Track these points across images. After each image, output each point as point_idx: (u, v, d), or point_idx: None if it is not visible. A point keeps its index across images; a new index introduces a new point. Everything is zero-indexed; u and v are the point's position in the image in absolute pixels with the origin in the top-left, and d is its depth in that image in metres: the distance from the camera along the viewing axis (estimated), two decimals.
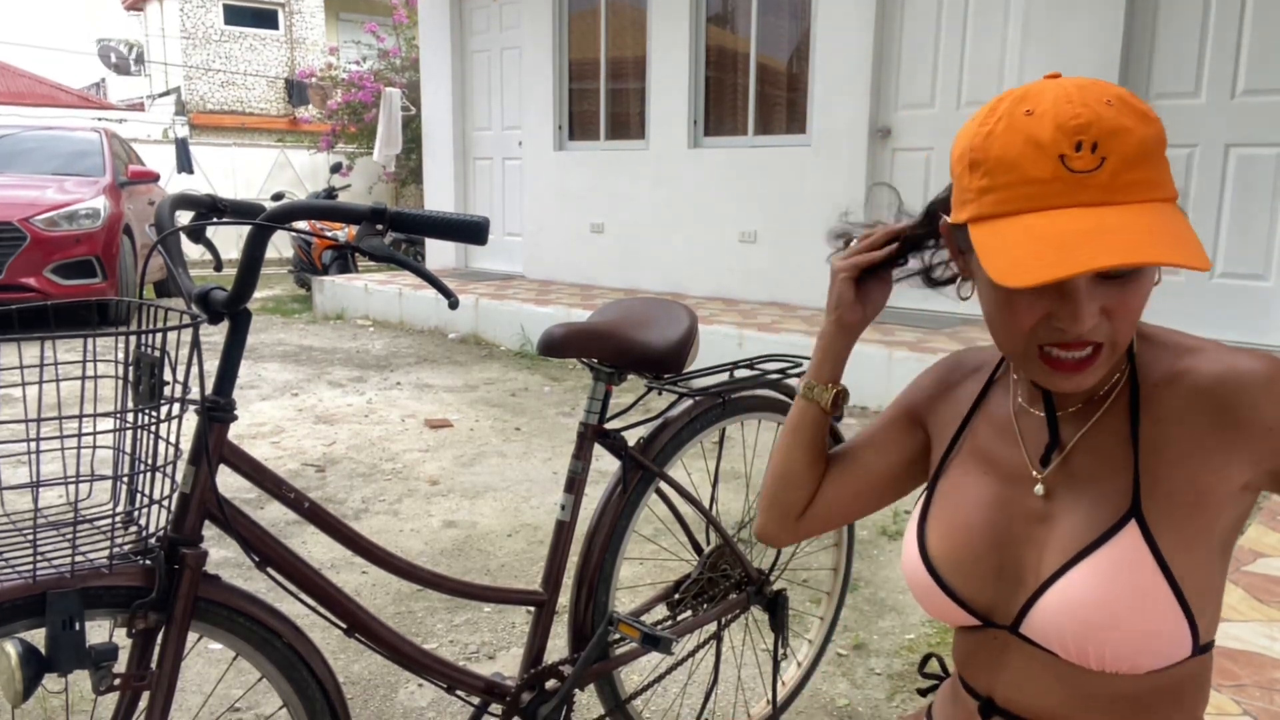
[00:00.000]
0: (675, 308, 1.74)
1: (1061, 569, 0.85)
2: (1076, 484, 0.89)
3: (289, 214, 1.23)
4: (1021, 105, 0.78)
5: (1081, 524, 0.86)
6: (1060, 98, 0.76)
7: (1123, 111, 0.75)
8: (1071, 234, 0.73)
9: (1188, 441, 0.83)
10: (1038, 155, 0.75)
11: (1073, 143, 0.74)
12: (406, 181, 12.53)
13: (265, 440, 4.18)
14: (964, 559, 0.93)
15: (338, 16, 21.29)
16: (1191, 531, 0.83)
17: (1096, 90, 0.77)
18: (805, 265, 6.18)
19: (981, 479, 0.95)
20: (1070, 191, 0.75)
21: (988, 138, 0.79)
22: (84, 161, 7.71)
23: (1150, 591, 0.81)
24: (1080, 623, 0.83)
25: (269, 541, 1.28)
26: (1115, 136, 0.74)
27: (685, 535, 1.84)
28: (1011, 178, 0.77)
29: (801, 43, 6.20)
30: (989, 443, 0.96)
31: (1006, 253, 0.75)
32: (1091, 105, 0.75)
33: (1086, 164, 0.74)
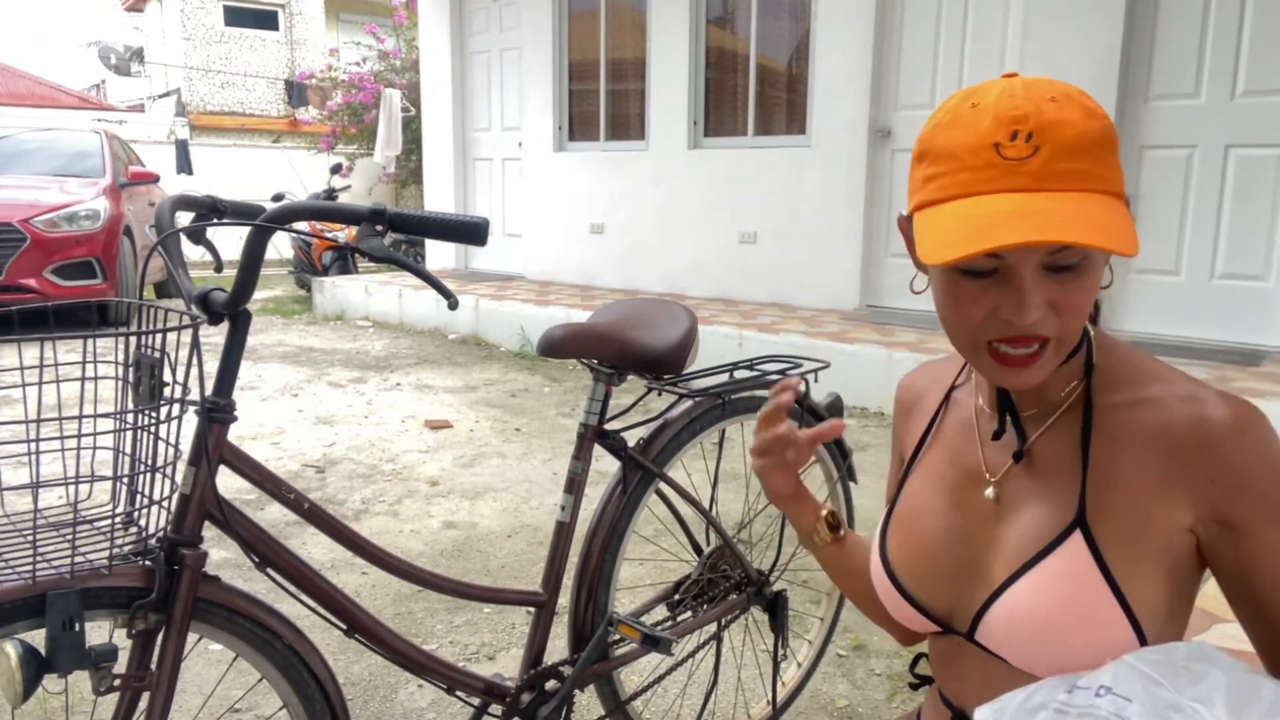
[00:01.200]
0: (675, 308, 1.74)
1: (1011, 578, 0.86)
2: (1026, 490, 0.89)
3: (289, 215, 1.23)
4: (968, 100, 0.80)
5: (1029, 531, 0.87)
6: (1004, 93, 0.79)
7: (1066, 107, 0.77)
8: (995, 215, 0.75)
9: (1137, 469, 0.83)
10: (975, 144, 0.78)
11: (1008, 132, 0.77)
12: (406, 182, 12.53)
13: (265, 441, 4.18)
14: (921, 561, 0.95)
15: (338, 17, 21.29)
16: (1139, 550, 0.82)
17: (1043, 87, 0.79)
18: (805, 265, 6.19)
19: (941, 482, 0.97)
20: (1002, 177, 0.77)
21: (934, 129, 0.81)
22: (84, 163, 7.71)
23: (1095, 603, 0.81)
24: (1027, 632, 0.84)
25: (269, 542, 1.28)
26: (1053, 128, 0.76)
27: (685, 536, 1.84)
28: (950, 165, 0.79)
29: (801, 43, 6.20)
30: (951, 446, 0.97)
31: (935, 234, 0.78)
32: (1034, 100, 0.77)
33: (1020, 152, 0.76)
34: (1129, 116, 4.94)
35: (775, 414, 1.01)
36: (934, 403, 1.03)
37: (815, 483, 2.11)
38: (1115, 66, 4.85)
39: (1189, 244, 4.86)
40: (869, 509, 3.33)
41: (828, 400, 1.95)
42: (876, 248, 5.96)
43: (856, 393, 4.66)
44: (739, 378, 1.79)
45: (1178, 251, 4.90)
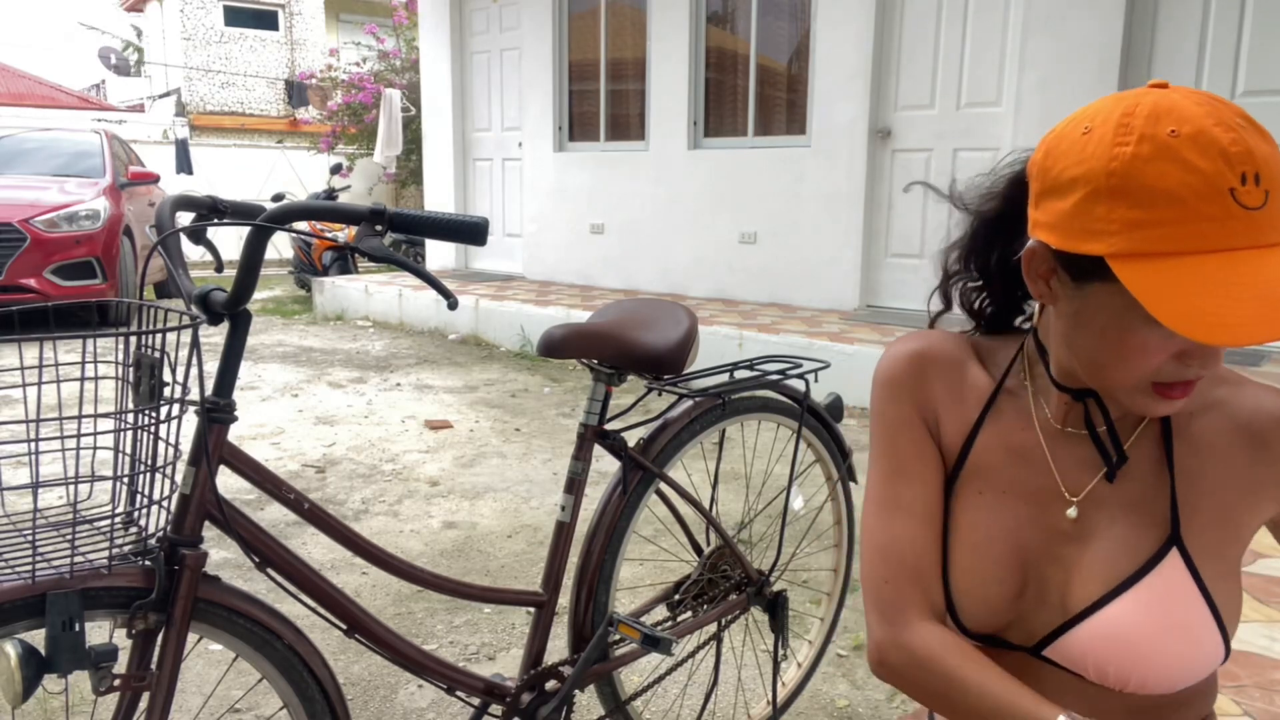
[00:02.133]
0: (675, 308, 1.74)
1: (1103, 599, 0.83)
2: (1110, 507, 0.86)
3: (289, 215, 1.23)
4: (1161, 124, 0.69)
5: (1119, 550, 0.84)
6: (1204, 118, 0.69)
7: (1256, 135, 0.69)
8: (1268, 283, 0.66)
9: (1223, 473, 0.82)
10: (1204, 188, 0.67)
11: (1238, 174, 0.67)
12: (406, 182, 12.53)
13: (265, 441, 4.18)
14: (985, 582, 0.89)
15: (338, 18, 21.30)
16: (1229, 558, 0.82)
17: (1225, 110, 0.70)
18: (805, 265, 6.19)
19: (1000, 497, 0.90)
20: (1249, 232, 0.67)
21: (1133, 162, 0.69)
22: (84, 163, 7.72)
23: (1194, 620, 0.80)
24: (1124, 653, 0.81)
25: (269, 542, 1.28)
26: (1269, 166, 0.68)
27: (685, 536, 1.84)
28: (1177, 213, 0.68)
29: (801, 44, 6.20)
30: (1006, 459, 0.90)
31: (1184, 300, 0.67)
32: (1236, 128, 0.68)
33: (1256, 199, 0.67)
34: None
35: None
36: (981, 392, 0.93)
37: (815, 483, 2.11)
38: (1115, 66, 4.85)
39: None
40: None
41: (828, 400, 1.95)
42: (876, 248, 5.96)
43: (856, 393, 4.66)
44: (739, 378, 1.79)
45: None
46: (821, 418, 1.91)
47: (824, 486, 2.06)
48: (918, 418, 0.93)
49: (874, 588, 0.91)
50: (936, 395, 0.93)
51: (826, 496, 2.06)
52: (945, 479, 0.93)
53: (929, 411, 0.93)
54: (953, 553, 0.91)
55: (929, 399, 0.93)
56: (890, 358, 0.95)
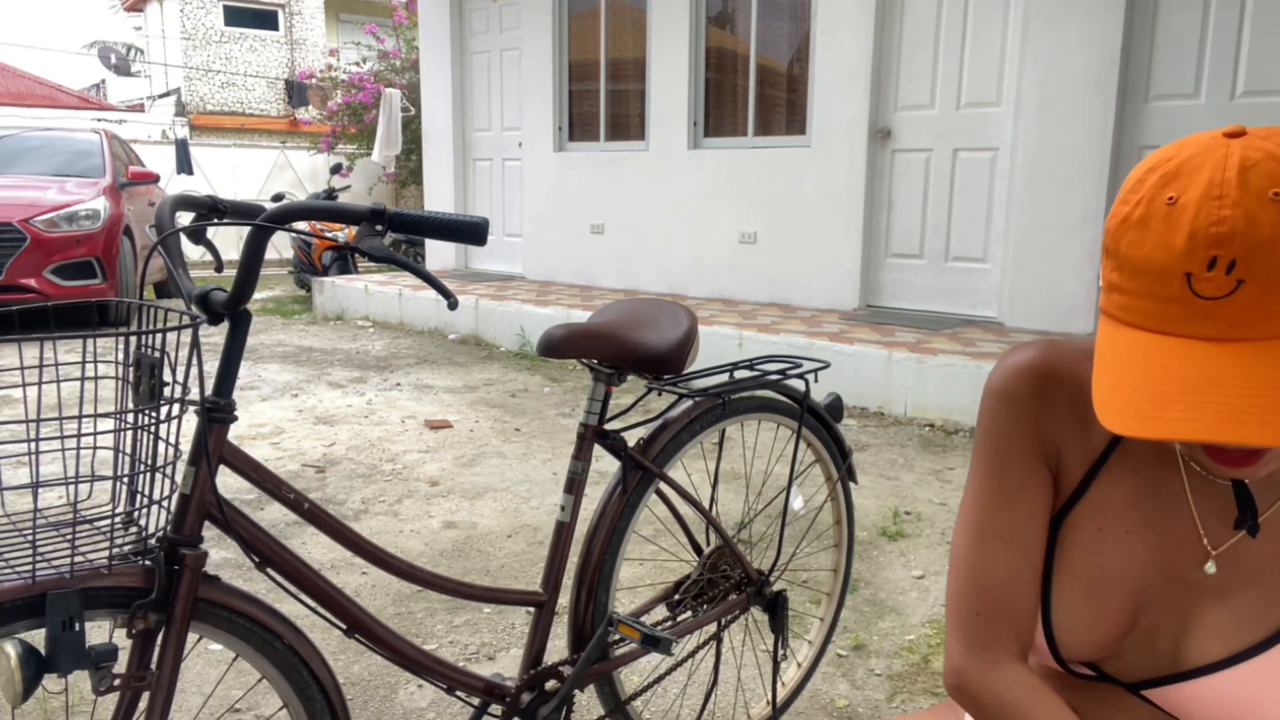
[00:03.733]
0: (675, 308, 1.74)
1: (1224, 661, 0.79)
2: (1249, 566, 0.79)
3: (289, 215, 1.23)
4: (1166, 189, 0.65)
5: (1254, 613, 0.79)
6: (1212, 186, 0.63)
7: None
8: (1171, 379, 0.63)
9: None
10: (1165, 266, 0.64)
11: (1205, 259, 0.62)
12: (406, 182, 12.53)
13: (265, 441, 4.18)
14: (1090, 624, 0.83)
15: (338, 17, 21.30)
16: None
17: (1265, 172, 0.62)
18: (805, 265, 6.19)
19: (1124, 536, 0.83)
20: (1190, 319, 0.64)
21: (1122, 224, 0.67)
22: (84, 162, 7.72)
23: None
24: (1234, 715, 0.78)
25: (269, 542, 1.28)
26: (1263, 252, 0.61)
27: (685, 536, 1.84)
28: (1134, 285, 0.67)
29: (801, 44, 6.20)
30: (1135, 496, 0.83)
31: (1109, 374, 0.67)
32: (1249, 203, 0.61)
33: (1216, 289, 0.62)
34: (1129, 116, 4.94)
35: None
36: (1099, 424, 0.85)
37: (815, 482, 2.11)
38: (1115, 66, 4.85)
39: None
40: (869, 509, 3.33)
41: (828, 400, 1.95)
42: (876, 248, 5.96)
43: (856, 393, 4.66)
44: (739, 378, 1.79)
45: None
46: (821, 418, 1.91)
47: (824, 486, 2.06)
48: (1033, 443, 0.85)
49: (964, 618, 0.86)
50: (1060, 420, 0.84)
51: (826, 496, 2.06)
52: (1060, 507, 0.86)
53: (1049, 438, 0.85)
54: (1059, 586, 0.85)
55: (1050, 424, 0.85)
56: (1008, 369, 0.86)
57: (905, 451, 4.05)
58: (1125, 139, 4.94)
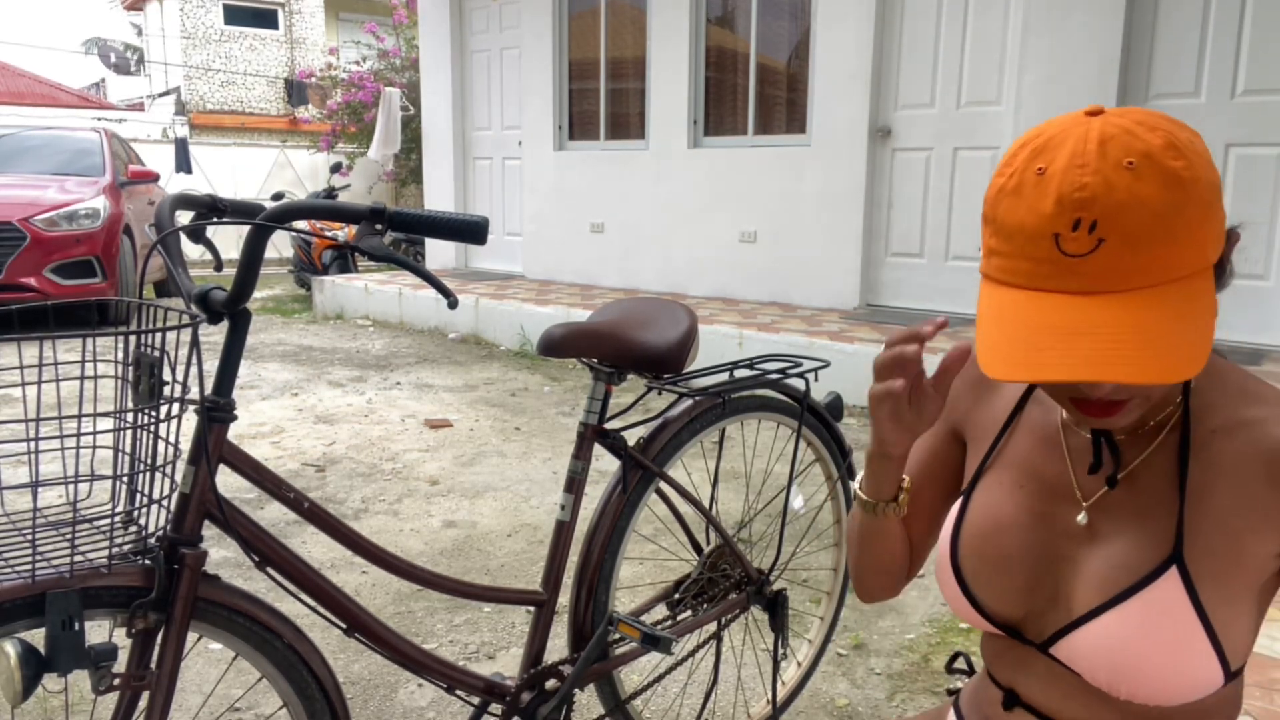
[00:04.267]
0: (675, 308, 1.74)
1: (1100, 607, 0.84)
2: (1120, 516, 0.86)
3: (288, 214, 1.23)
4: (1036, 160, 0.72)
5: (1122, 560, 0.84)
6: (1075, 157, 0.70)
7: (1143, 178, 0.68)
8: (1044, 329, 0.70)
9: (1234, 498, 0.80)
10: (1035, 230, 0.71)
11: (1070, 220, 0.69)
12: (406, 181, 12.53)
13: (265, 440, 4.17)
14: (997, 572, 0.91)
15: (338, 16, 21.30)
16: (1233, 585, 0.81)
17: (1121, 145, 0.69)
18: (805, 265, 6.18)
19: (1019, 491, 0.92)
20: (1060, 275, 0.71)
21: (999, 194, 0.74)
22: (84, 161, 7.71)
23: (1186, 639, 0.80)
24: (1112, 662, 0.82)
25: (268, 541, 1.28)
26: (1121, 214, 0.68)
27: (685, 535, 1.84)
28: (1010, 248, 0.74)
29: (801, 43, 6.20)
30: (1030, 455, 0.93)
31: (990, 329, 0.73)
32: (1107, 170, 0.68)
33: (1080, 247, 0.69)
34: None
35: (912, 335, 0.86)
36: (1009, 398, 0.96)
37: (815, 482, 2.11)
38: (1115, 66, 4.85)
39: None
40: None
41: (827, 399, 1.95)
42: (876, 247, 5.96)
43: (856, 392, 4.66)
44: (739, 377, 1.79)
45: None
46: (821, 417, 1.91)
47: (824, 485, 2.06)
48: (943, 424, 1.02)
49: None
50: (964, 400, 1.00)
51: (826, 495, 2.06)
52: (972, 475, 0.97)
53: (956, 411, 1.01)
54: (964, 541, 0.94)
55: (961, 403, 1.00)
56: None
57: None
58: None
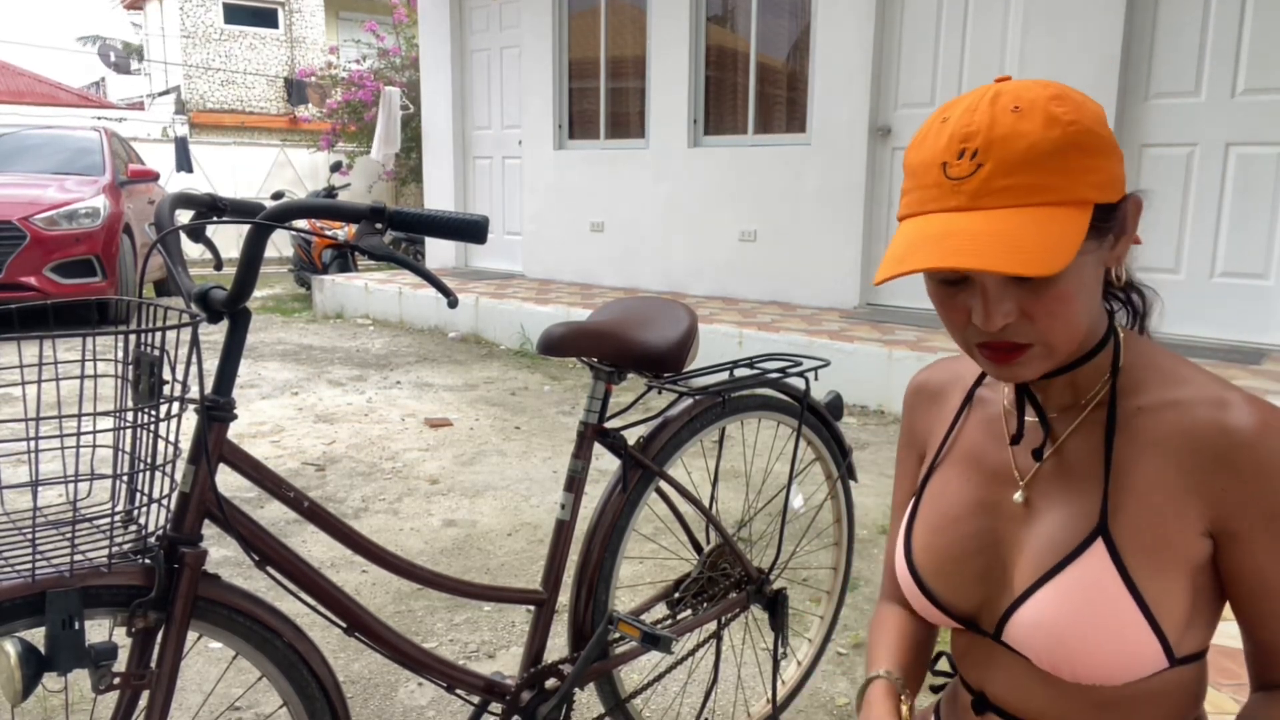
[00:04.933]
0: (675, 307, 1.74)
1: (1034, 585, 0.86)
2: (1051, 493, 0.89)
3: (288, 213, 1.23)
4: (942, 115, 0.81)
5: (1052, 537, 0.87)
6: (969, 107, 0.79)
7: (1027, 117, 0.76)
8: (924, 237, 0.77)
9: (1158, 475, 0.82)
10: (929, 161, 0.79)
11: (956, 150, 0.77)
12: (406, 180, 12.53)
13: (265, 439, 4.18)
14: (948, 562, 0.94)
15: (337, 15, 21.29)
16: (1161, 559, 0.82)
17: (1012, 95, 0.78)
18: (805, 264, 6.18)
19: (967, 482, 0.95)
20: (943, 197, 0.78)
21: (915, 144, 0.82)
22: (84, 160, 7.71)
23: (1117, 613, 0.81)
24: (1049, 639, 0.84)
25: (268, 540, 1.28)
26: (1001, 143, 0.76)
27: (685, 534, 1.84)
28: (911, 184, 0.81)
29: (801, 42, 6.20)
30: (977, 444, 0.96)
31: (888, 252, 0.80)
32: (993, 112, 0.77)
33: (962, 171, 0.77)
34: (1129, 115, 4.94)
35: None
36: (957, 400, 1.01)
37: (815, 481, 2.11)
38: (1115, 65, 4.85)
39: (1189, 242, 4.86)
40: (869, 508, 3.33)
41: (828, 399, 1.95)
42: (876, 246, 5.96)
43: (856, 391, 4.66)
44: (739, 376, 1.79)
45: (1178, 250, 4.90)
46: (821, 416, 1.91)
47: (824, 485, 2.06)
48: (909, 444, 1.08)
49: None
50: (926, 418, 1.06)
51: (826, 495, 2.06)
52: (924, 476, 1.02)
53: (917, 433, 1.07)
54: (916, 536, 0.98)
55: (918, 425, 1.06)
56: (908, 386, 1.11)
57: None
58: (1126, 137, 4.94)
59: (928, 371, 1.07)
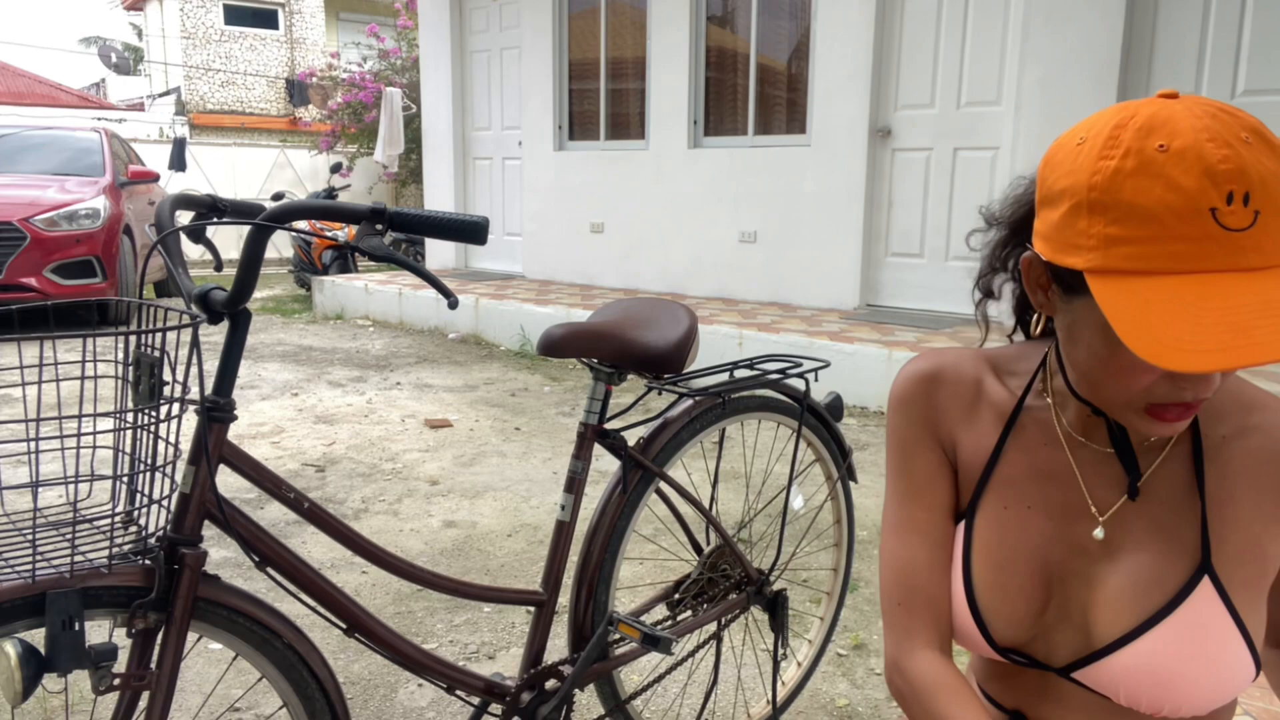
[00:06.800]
0: (675, 308, 1.74)
1: (1136, 630, 0.82)
2: (1138, 529, 0.84)
3: (289, 214, 1.23)
4: (1151, 138, 0.67)
5: (1150, 577, 0.82)
6: (1199, 132, 0.66)
7: (1263, 151, 0.66)
8: (1240, 310, 0.64)
9: (1253, 502, 0.80)
10: (1185, 207, 0.65)
11: (1223, 193, 0.64)
12: (406, 181, 12.53)
13: (265, 440, 4.17)
14: (1009, 598, 0.88)
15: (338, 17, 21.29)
16: (1259, 588, 0.81)
17: (1230, 123, 0.67)
18: (805, 265, 6.18)
19: (1029, 511, 0.89)
20: (1227, 254, 0.65)
21: (1114, 176, 0.68)
22: (84, 161, 7.71)
23: (1226, 648, 0.79)
24: (1158, 684, 0.81)
25: (268, 541, 1.28)
26: (1265, 185, 0.65)
27: (685, 535, 1.84)
28: (1152, 231, 0.66)
29: (801, 43, 6.20)
30: (1032, 472, 0.89)
31: (1155, 324, 0.65)
32: (1234, 144, 0.65)
33: (1241, 220, 0.64)
34: None
35: None
36: (1002, 408, 0.91)
37: (815, 482, 2.11)
38: (1115, 66, 4.85)
39: None
40: (869, 508, 3.33)
41: (828, 400, 1.95)
42: (876, 247, 5.96)
43: (856, 392, 4.66)
44: (739, 377, 1.79)
45: None
46: (821, 417, 1.91)
47: (824, 486, 2.06)
48: (931, 439, 0.93)
49: (888, 608, 0.93)
50: (951, 416, 0.93)
51: (826, 496, 2.06)
52: (969, 498, 0.92)
53: (943, 433, 0.93)
54: (976, 569, 0.90)
55: (942, 420, 0.93)
56: (902, 379, 0.96)
57: None
58: None
59: (930, 361, 0.96)
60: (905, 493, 0.94)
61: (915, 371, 0.95)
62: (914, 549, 0.92)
